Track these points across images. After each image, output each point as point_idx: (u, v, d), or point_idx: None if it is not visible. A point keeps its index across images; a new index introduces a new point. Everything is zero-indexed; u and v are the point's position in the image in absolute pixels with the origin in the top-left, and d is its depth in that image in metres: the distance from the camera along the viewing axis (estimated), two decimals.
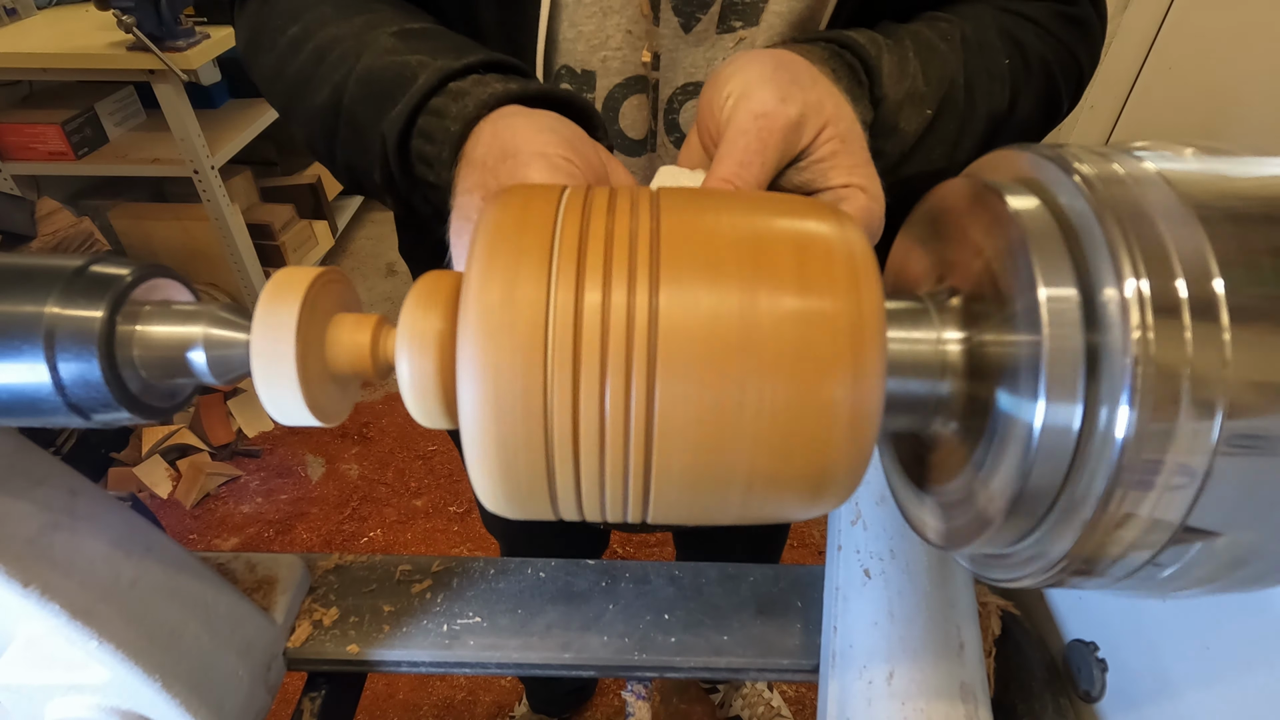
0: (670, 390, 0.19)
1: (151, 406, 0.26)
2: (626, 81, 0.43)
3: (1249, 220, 0.18)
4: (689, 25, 0.42)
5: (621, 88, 0.43)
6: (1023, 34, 0.43)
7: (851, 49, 0.37)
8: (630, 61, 0.42)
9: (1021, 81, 0.42)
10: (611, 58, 0.42)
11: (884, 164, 0.38)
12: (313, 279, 0.23)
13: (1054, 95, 0.45)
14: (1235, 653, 0.29)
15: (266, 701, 0.44)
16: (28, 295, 0.24)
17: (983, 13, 0.43)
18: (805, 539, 1.56)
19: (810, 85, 0.31)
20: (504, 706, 1.30)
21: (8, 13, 1.72)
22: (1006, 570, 0.22)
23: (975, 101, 0.40)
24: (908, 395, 0.22)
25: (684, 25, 0.42)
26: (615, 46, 0.42)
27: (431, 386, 0.21)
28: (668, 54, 0.42)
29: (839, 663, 0.41)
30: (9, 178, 1.69)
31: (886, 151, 0.38)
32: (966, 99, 0.40)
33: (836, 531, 0.45)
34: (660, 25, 0.42)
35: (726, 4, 0.41)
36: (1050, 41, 0.44)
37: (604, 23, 0.41)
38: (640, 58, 0.42)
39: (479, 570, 0.51)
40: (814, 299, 0.19)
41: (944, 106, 0.39)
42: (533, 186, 0.22)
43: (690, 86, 0.44)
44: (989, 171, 0.23)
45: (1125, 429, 0.17)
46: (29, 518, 0.33)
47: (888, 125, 0.37)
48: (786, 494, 0.21)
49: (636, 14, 0.41)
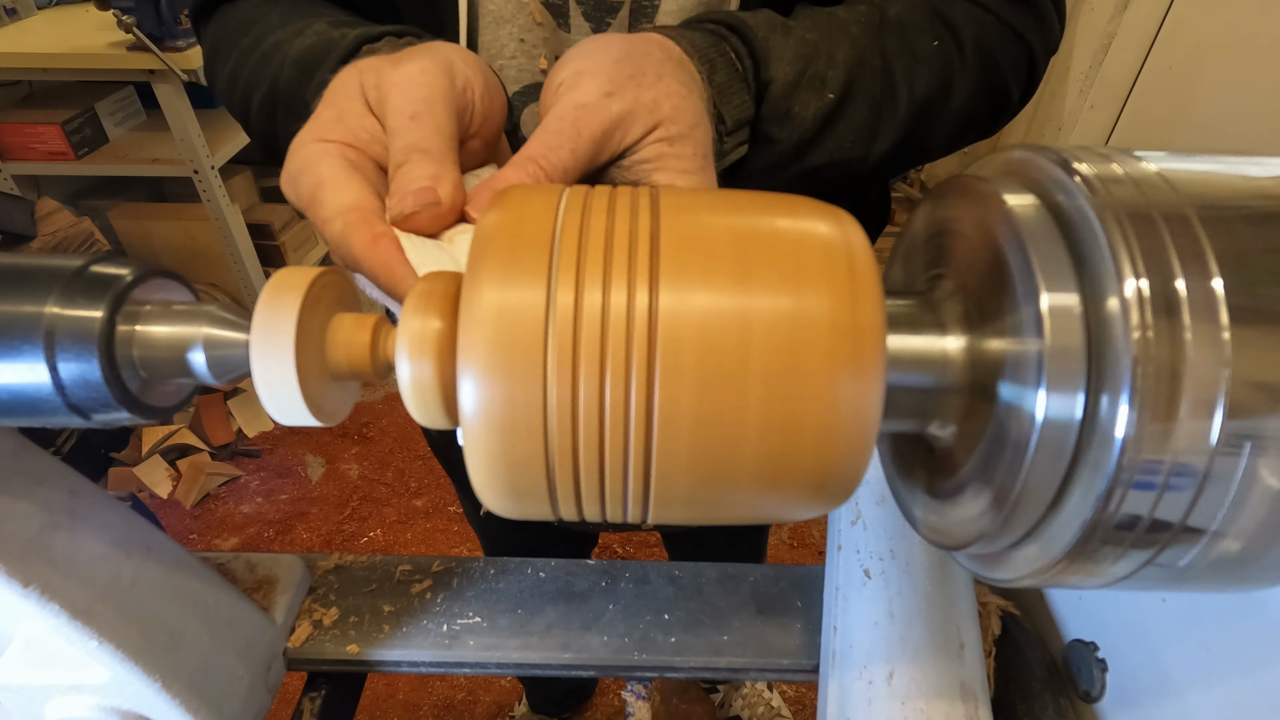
0: (670, 391, 0.19)
1: (151, 406, 0.26)
2: (525, 89, 0.43)
3: (1249, 220, 0.18)
4: (600, 29, 0.42)
5: (520, 95, 0.43)
6: (956, 15, 0.41)
7: (737, 31, 0.35)
8: (526, 70, 0.42)
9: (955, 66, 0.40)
10: (507, 66, 0.42)
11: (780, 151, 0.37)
12: (313, 279, 0.23)
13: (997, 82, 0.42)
14: (1235, 653, 0.29)
15: (266, 701, 0.44)
16: (28, 295, 0.24)
17: None
18: (805, 539, 1.56)
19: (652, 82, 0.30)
20: (504, 706, 1.30)
21: (8, 13, 1.72)
22: (1006, 570, 0.22)
23: (895, 86, 0.39)
24: (908, 395, 0.22)
25: (595, 30, 0.42)
26: (510, 55, 0.42)
27: (431, 387, 0.21)
28: None
29: (839, 663, 0.41)
30: (9, 178, 1.69)
31: (781, 138, 0.37)
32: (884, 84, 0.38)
33: (836, 531, 0.45)
34: (571, 31, 0.42)
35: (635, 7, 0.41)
36: (989, 22, 0.41)
37: (497, 33, 0.41)
38: (538, 65, 0.42)
39: (479, 570, 0.51)
40: (814, 299, 0.19)
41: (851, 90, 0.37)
42: (533, 187, 0.22)
43: None
44: (989, 172, 0.23)
45: (1125, 429, 0.17)
46: (29, 518, 0.33)
47: (779, 110, 0.36)
48: (786, 494, 0.21)
49: (529, 22, 0.41)
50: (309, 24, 0.38)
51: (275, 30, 0.39)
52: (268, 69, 0.38)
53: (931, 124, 0.41)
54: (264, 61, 0.39)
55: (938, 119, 0.41)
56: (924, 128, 0.41)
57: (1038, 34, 0.43)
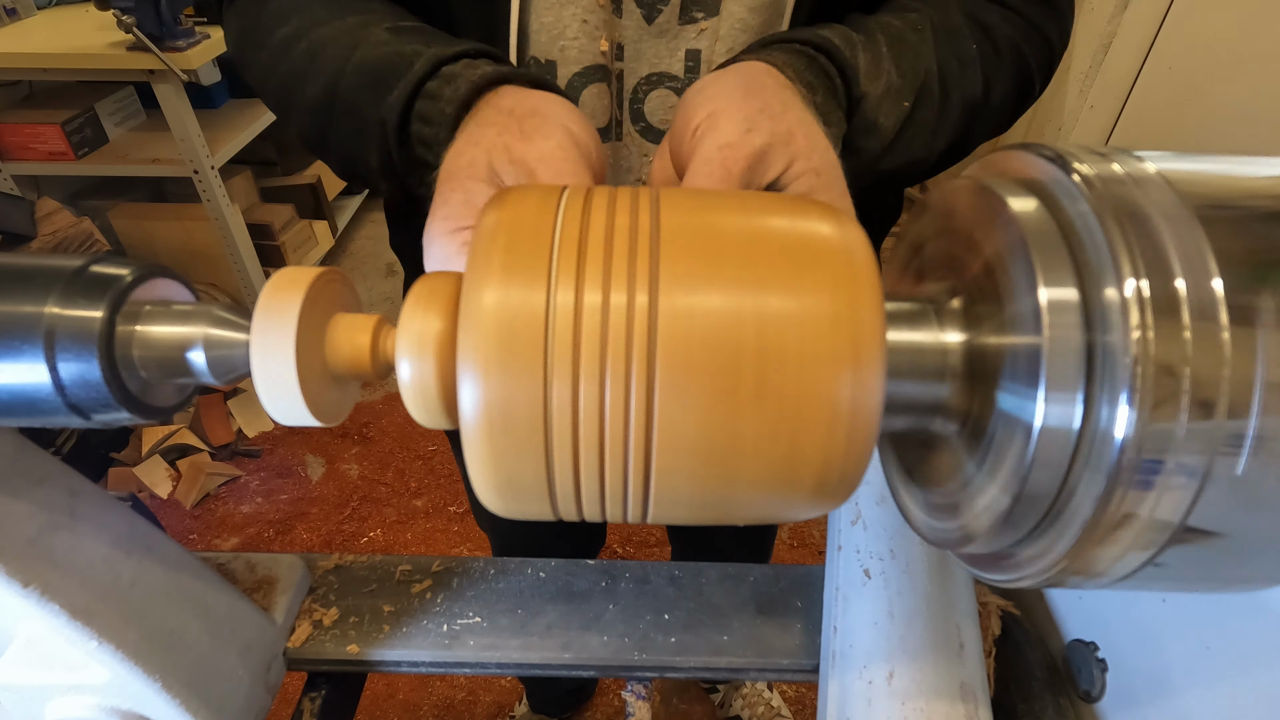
0: (670, 390, 0.19)
1: (151, 406, 0.26)
2: (585, 70, 0.44)
3: (1249, 220, 0.18)
4: (651, 16, 0.42)
5: (580, 76, 0.44)
6: (989, 17, 0.43)
7: (826, 52, 0.36)
8: (588, 51, 0.43)
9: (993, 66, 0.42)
10: (569, 47, 0.43)
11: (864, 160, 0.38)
12: (313, 279, 0.23)
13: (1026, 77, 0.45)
14: (1235, 653, 0.29)
15: (266, 702, 0.44)
16: (28, 295, 0.24)
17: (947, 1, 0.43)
18: (805, 539, 1.56)
19: (780, 113, 0.31)
20: (504, 706, 1.30)
21: (8, 13, 1.72)
22: (1006, 570, 0.22)
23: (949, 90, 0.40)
24: (908, 395, 0.22)
25: (646, 16, 0.42)
26: (572, 36, 0.42)
27: (432, 387, 0.21)
28: (631, 45, 0.43)
29: (839, 663, 0.41)
30: (9, 178, 1.69)
31: (867, 148, 0.38)
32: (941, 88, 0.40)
33: (836, 531, 0.45)
34: (623, 17, 0.42)
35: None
36: (1017, 22, 0.43)
37: (561, 13, 0.42)
38: (599, 47, 0.43)
39: (479, 570, 0.51)
40: (814, 299, 0.19)
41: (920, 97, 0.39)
42: (533, 186, 0.22)
43: (654, 77, 0.44)
44: (989, 172, 0.23)
45: (1125, 429, 0.17)
46: (29, 518, 0.33)
47: (867, 122, 0.37)
48: (786, 494, 0.21)
49: (593, 4, 0.42)
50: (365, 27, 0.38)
51: (321, 25, 0.39)
52: (318, 66, 0.38)
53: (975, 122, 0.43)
54: (311, 57, 0.39)
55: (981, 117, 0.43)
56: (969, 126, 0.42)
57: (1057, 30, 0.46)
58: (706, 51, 0.43)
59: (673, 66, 0.44)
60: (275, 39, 0.41)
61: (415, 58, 0.35)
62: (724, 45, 0.42)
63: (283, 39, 0.40)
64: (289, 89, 0.40)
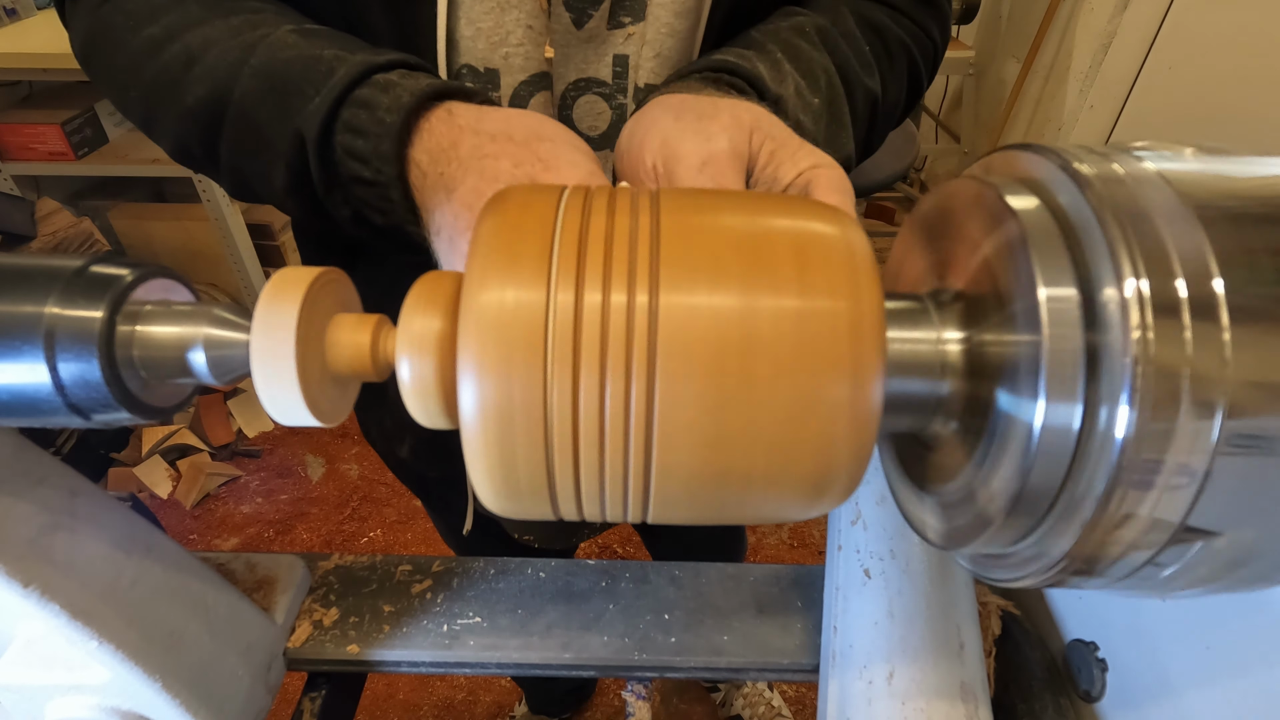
0: (670, 391, 0.19)
1: (151, 406, 0.26)
2: (531, 78, 0.42)
3: (1249, 220, 0.18)
4: (580, 21, 0.41)
5: (526, 85, 0.42)
6: (879, 19, 0.44)
7: (727, 70, 0.37)
8: (533, 58, 0.41)
9: (886, 65, 0.44)
10: (514, 54, 0.41)
11: None
12: (313, 279, 0.23)
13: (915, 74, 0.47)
14: (1235, 653, 0.29)
15: (266, 702, 0.44)
16: (28, 295, 0.24)
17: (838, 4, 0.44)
18: (805, 539, 1.56)
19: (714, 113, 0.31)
20: (504, 706, 1.30)
21: (8, 13, 1.72)
22: (1006, 570, 0.22)
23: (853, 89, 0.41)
24: (908, 395, 0.22)
25: (575, 21, 0.41)
26: (516, 42, 0.41)
27: (432, 387, 0.21)
28: (560, 50, 0.42)
29: (839, 663, 0.41)
30: (9, 178, 1.69)
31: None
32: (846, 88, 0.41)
33: (836, 531, 0.45)
34: (551, 19, 0.41)
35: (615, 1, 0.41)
36: (905, 23, 0.45)
37: (502, 18, 0.40)
38: (543, 53, 0.41)
39: (479, 570, 0.51)
40: (814, 299, 0.19)
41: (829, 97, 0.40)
42: (532, 187, 0.22)
43: (582, 82, 0.43)
44: (989, 172, 0.23)
45: (1125, 429, 0.17)
46: (29, 518, 0.33)
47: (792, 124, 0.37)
48: (786, 494, 0.21)
49: (535, 8, 0.40)
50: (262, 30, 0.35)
51: (199, 25, 0.36)
52: (198, 72, 0.34)
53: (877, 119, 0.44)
54: (188, 62, 0.35)
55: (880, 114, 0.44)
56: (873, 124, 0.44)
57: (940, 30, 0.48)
58: (634, 57, 0.42)
59: (600, 72, 0.43)
60: (138, 40, 0.36)
61: (337, 63, 0.32)
62: (651, 50, 0.42)
63: (149, 40, 0.36)
64: (159, 98, 0.36)
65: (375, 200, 0.32)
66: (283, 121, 0.32)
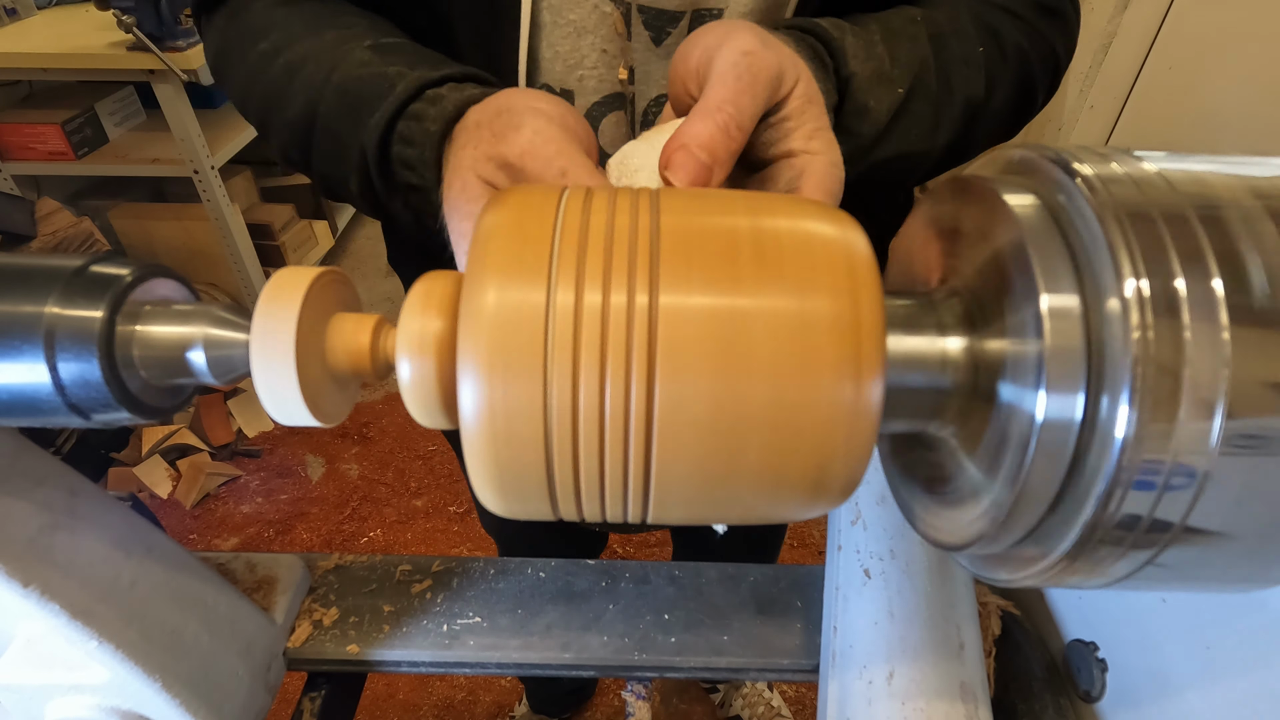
0: (670, 391, 0.19)
1: (151, 406, 0.26)
2: (604, 99, 0.43)
3: (1249, 220, 0.18)
4: (659, 39, 0.42)
5: (600, 105, 0.43)
6: (997, 23, 0.43)
7: (813, 33, 0.37)
8: (607, 80, 0.43)
9: (997, 69, 0.42)
10: (588, 76, 0.42)
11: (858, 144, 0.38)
12: (313, 279, 0.23)
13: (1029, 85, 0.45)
14: (1235, 653, 0.29)
15: (266, 701, 0.44)
16: (28, 295, 0.24)
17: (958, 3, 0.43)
18: (805, 539, 1.56)
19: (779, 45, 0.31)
20: (504, 706, 1.30)
21: (8, 13, 1.72)
22: (1006, 570, 0.22)
23: (951, 86, 0.41)
24: (907, 395, 0.22)
25: (654, 39, 0.42)
26: (591, 65, 0.42)
27: (432, 387, 0.21)
28: (640, 67, 0.43)
29: (839, 663, 0.41)
30: (9, 178, 1.69)
31: (860, 131, 0.38)
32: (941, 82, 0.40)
33: (836, 531, 0.45)
34: (632, 39, 0.42)
35: (695, 17, 0.41)
36: (1025, 31, 0.44)
37: (579, 42, 0.41)
38: (617, 75, 0.43)
39: (479, 570, 0.51)
40: (814, 299, 0.19)
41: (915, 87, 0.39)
42: (533, 187, 0.22)
43: (663, 98, 0.44)
44: (989, 172, 0.23)
45: (1125, 429, 0.17)
46: (29, 518, 0.33)
47: (858, 104, 0.37)
48: (786, 494, 0.21)
49: (611, 33, 0.41)
50: (346, 45, 0.37)
51: (300, 40, 0.38)
52: (297, 85, 0.37)
53: (977, 123, 0.43)
54: (290, 75, 0.38)
55: (982, 118, 0.43)
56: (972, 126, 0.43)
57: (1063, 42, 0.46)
58: None
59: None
60: (253, 55, 0.40)
61: (398, 79, 0.34)
62: None
63: (260, 55, 0.40)
64: (269, 108, 0.39)
65: (425, 205, 0.34)
66: (353, 134, 0.35)
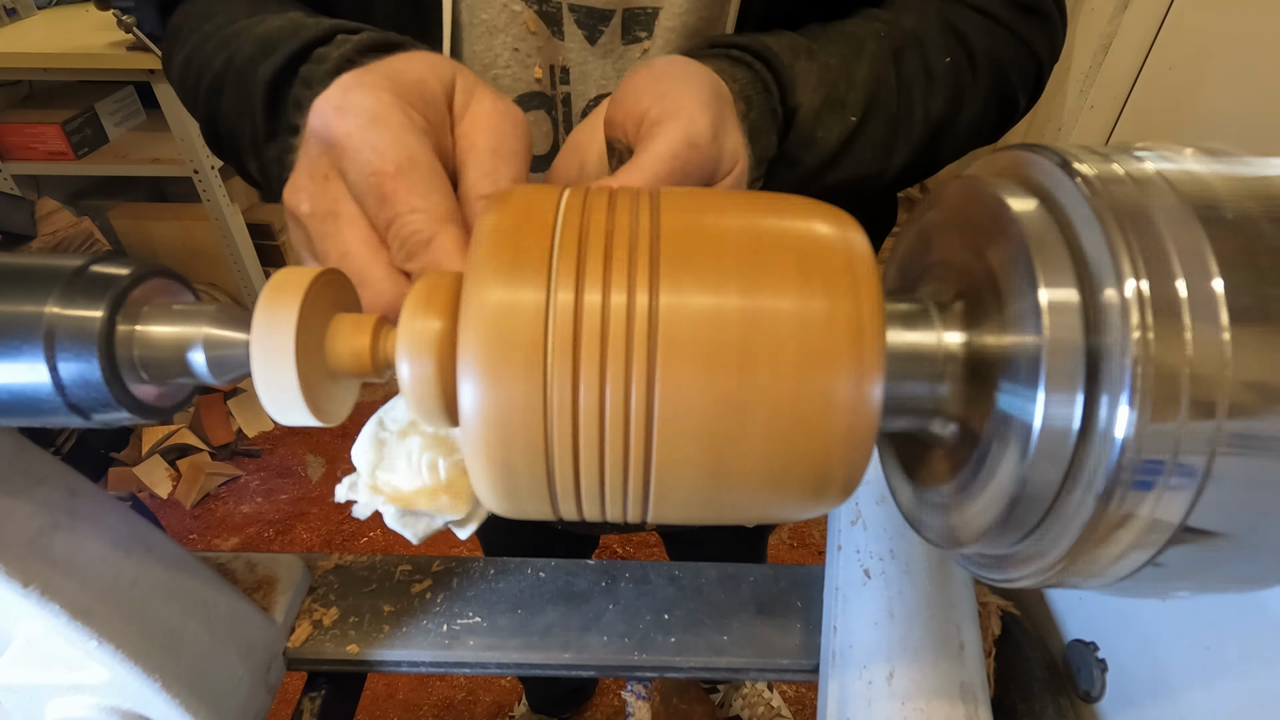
0: (669, 391, 0.19)
1: (151, 406, 0.26)
2: (520, 99, 0.43)
3: (1249, 220, 0.18)
4: (593, 38, 0.42)
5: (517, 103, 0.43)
6: (968, 28, 0.41)
7: (764, 59, 0.36)
8: (521, 79, 0.42)
9: (966, 80, 0.41)
10: (502, 75, 0.42)
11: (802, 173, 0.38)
12: (313, 279, 0.23)
13: (1006, 92, 0.43)
14: (1235, 653, 0.29)
15: (266, 701, 0.44)
16: (28, 295, 0.24)
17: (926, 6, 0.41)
18: (805, 539, 1.56)
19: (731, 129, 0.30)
20: (504, 706, 1.30)
21: (8, 13, 1.72)
22: (1006, 570, 0.22)
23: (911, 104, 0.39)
24: (907, 395, 0.22)
25: (588, 38, 0.42)
26: (504, 65, 0.42)
27: (432, 387, 0.21)
28: (576, 67, 0.43)
29: (839, 663, 0.41)
30: (9, 178, 1.69)
31: (805, 161, 0.37)
32: (901, 102, 0.39)
33: (836, 531, 0.45)
34: (565, 39, 0.42)
35: (627, 15, 0.41)
36: (1000, 34, 0.42)
37: (491, 42, 0.41)
38: (533, 74, 0.42)
39: (479, 570, 0.51)
40: (814, 299, 0.19)
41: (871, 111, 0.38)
42: (533, 187, 0.22)
43: (602, 98, 0.44)
44: (989, 172, 0.23)
45: (1125, 429, 0.17)
46: (29, 518, 0.33)
47: (805, 135, 0.37)
48: (786, 494, 0.21)
49: (523, 31, 0.41)
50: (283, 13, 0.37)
51: (242, 18, 0.38)
52: (225, 51, 0.37)
53: (943, 139, 0.41)
54: (222, 45, 0.37)
55: (949, 134, 0.41)
56: (936, 143, 0.41)
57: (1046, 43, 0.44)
58: None
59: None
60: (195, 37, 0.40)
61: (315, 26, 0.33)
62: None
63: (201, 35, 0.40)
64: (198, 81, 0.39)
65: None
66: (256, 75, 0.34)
